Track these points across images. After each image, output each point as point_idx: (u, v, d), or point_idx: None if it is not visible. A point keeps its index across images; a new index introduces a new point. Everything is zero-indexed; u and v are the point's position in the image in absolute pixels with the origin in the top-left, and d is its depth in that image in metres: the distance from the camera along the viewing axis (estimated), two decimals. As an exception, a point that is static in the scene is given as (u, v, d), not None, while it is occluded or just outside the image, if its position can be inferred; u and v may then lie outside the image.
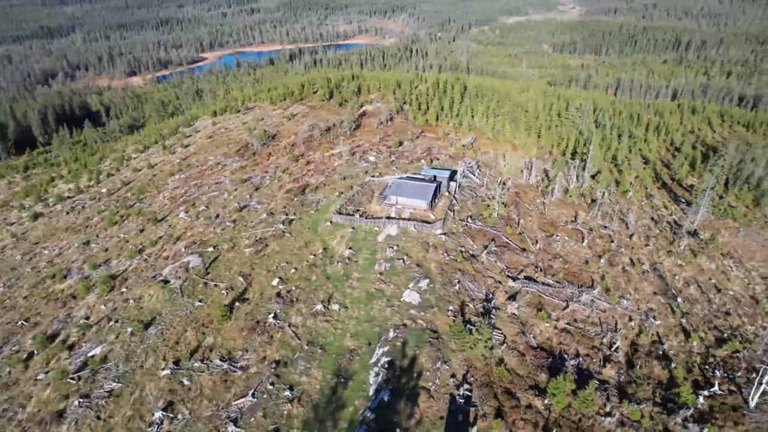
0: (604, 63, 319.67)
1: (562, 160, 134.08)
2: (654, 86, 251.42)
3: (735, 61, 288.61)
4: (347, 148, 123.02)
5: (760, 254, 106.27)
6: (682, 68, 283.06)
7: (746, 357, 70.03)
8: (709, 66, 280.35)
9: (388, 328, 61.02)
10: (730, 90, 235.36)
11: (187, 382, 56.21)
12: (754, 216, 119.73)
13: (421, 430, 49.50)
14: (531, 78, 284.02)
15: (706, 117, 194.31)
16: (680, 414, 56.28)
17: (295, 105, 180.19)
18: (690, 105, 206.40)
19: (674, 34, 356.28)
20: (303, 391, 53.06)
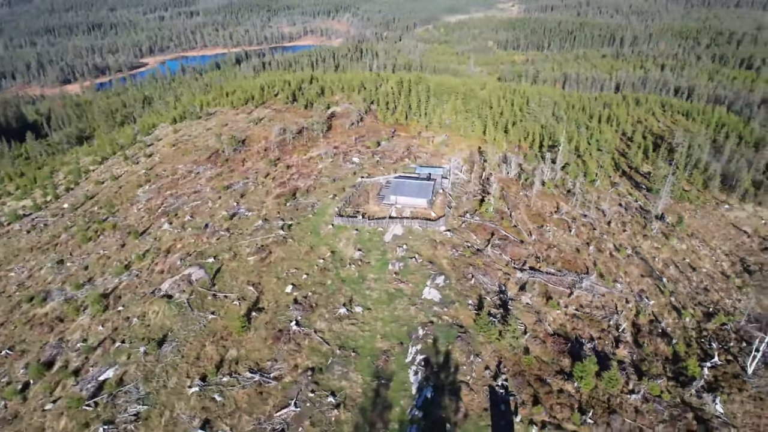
0: (547, 58, 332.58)
1: (532, 154, 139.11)
2: (598, 79, 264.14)
3: (666, 55, 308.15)
4: (325, 150, 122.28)
5: (719, 233, 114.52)
6: (620, 62, 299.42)
7: (733, 328, 75.57)
8: (644, 60, 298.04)
9: (416, 327, 61.71)
10: (666, 82, 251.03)
11: (219, 397, 54.58)
12: (705, 198, 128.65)
13: (469, 423, 50.58)
14: (480, 75, 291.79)
15: (649, 108, 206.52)
16: (693, 386, 60.29)
17: (259, 109, 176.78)
18: (634, 97, 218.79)
19: (608, 30, 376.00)
20: (346, 395, 52.85)
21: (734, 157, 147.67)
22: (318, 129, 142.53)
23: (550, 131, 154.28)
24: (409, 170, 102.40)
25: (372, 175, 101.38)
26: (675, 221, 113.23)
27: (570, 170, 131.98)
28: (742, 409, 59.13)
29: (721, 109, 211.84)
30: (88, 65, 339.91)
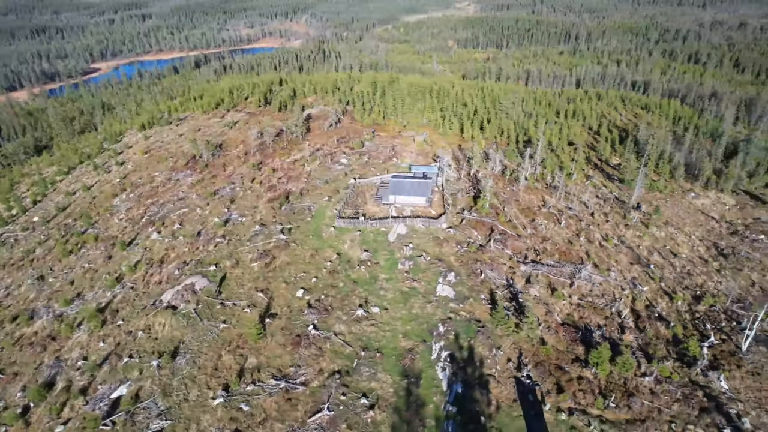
0: (506, 56, 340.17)
1: (510, 149, 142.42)
2: (559, 76, 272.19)
3: (620, 51, 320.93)
4: (310, 153, 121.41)
5: (689, 220, 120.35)
6: (577, 58, 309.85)
7: (721, 309, 79.84)
8: (600, 56, 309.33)
9: (436, 324, 62.41)
10: (623, 77, 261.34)
11: (246, 407, 53.63)
12: (673, 187, 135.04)
13: (502, 415, 51.68)
14: (443, 73, 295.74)
15: (610, 102, 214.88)
16: (698, 365, 63.49)
17: (231, 112, 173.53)
18: (595, 92, 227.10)
19: (563, 27, 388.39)
20: (378, 396, 52.95)
21: (694, 148, 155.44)
22: (297, 131, 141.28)
23: (523, 127, 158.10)
24: (402, 169, 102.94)
25: (364, 176, 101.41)
26: (651, 210, 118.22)
27: (547, 165, 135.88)
28: (743, 384, 62.66)
29: (676, 102, 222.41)
30: (36, 71, 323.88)
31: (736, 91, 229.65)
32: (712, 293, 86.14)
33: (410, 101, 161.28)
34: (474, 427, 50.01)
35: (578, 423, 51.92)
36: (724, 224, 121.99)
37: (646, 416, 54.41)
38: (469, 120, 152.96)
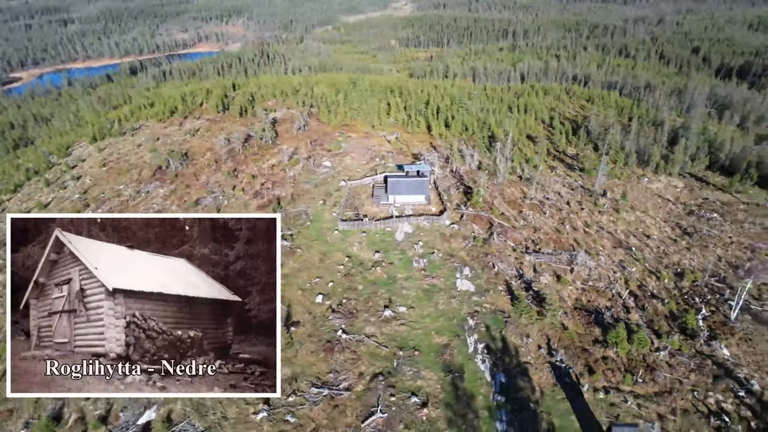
0: (448, 54, 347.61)
1: (479, 145, 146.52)
2: (504, 71, 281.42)
3: (557, 46, 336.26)
4: (288, 157, 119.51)
5: (649, 203, 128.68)
6: (518, 54, 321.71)
7: (703, 283, 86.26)
8: (539, 51, 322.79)
9: (465, 318, 63.69)
10: (564, 71, 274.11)
11: (292, 419, 52.58)
12: (628, 174, 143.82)
13: (547, 399, 53.75)
14: (390, 72, 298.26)
15: (556, 95, 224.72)
16: (701, 337, 68.53)
17: (189, 120, 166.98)
18: (541, 86, 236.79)
19: (500, 25, 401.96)
20: (427, 394, 53.49)
21: (640, 136, 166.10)
22: (267, 136, 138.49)
23: (485, 123, 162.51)
24: (390, 169, 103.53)
25: (352, 177, 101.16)
26: (618, 196, 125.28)
27: (514, 158, 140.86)
28: (740, 351, 68.29)
29: (615, 94, 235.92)
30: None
31: (666, 82, 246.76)
32: (690, 270, 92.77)
33: (375, 101, 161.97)
34: (525, 414, 51.68)
35: (615, 400, 54.87)
36: (680, 205, 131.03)
37: (670, 388, 58.22)
38: (435, 118, 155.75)
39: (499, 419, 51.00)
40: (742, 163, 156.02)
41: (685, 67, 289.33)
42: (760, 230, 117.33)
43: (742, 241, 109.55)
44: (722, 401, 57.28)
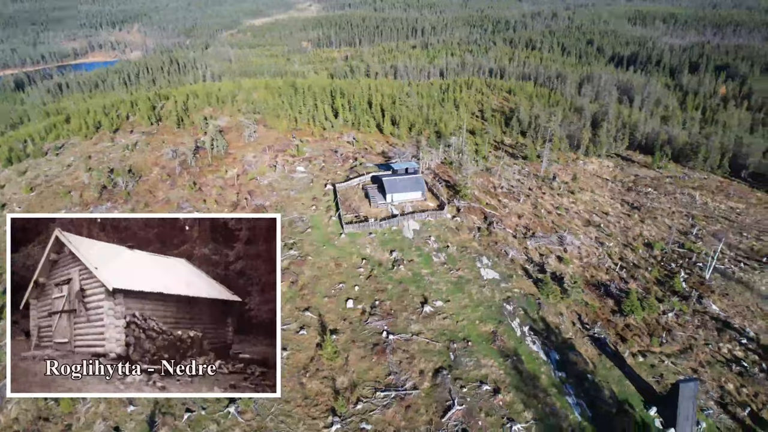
0: (363, 53, 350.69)
1: (432, 141, 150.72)
2: (424, 68, 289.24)
3: (468, 42, 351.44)
4: (254, 165, 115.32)
5: (592, 183, 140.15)
6: (430, 51, 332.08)
7: (669, 250, 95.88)
8: (451, 47, 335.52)
9: (502, 304, 66.12)
10: (480, 65, 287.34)
11: (367, 426, 51.98)
12: (564, 158, 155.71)
13: (600, 369, 57.72)
14: (310, 73, 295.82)
15: (478, 89, 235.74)
16: (692, 297, 76.53)
17: (121, 134, 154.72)
18: (464, 81, 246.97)
19: (408, 23, 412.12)
20: (494, 380, 55.20)
21: (566, 122, 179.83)
22: (220, 146, 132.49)
23: (427, 119, 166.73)
24: (371, 170, 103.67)
25: (335, 181, 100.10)
26: (569, 179, 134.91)
27: (466, 149, 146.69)
28: (724, 305, 77.16)
29: (530, 84, 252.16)
30: None
31: (573, 71, 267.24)
32: (655, 240, 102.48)
33: (319, 103, 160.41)
34: (587, 385, 55.17)
35: (654, 362, 60.11)
36: (618, 183, 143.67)
37: (689, 344, 64.75)
38: (381, 117, 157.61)
39: (568, 393, 53.97)
40: (657, 141, 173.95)
41: (584, 57, 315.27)
42: (689, 199, 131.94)
43: (681, 210, 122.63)
44: (732, 350, 64.72)
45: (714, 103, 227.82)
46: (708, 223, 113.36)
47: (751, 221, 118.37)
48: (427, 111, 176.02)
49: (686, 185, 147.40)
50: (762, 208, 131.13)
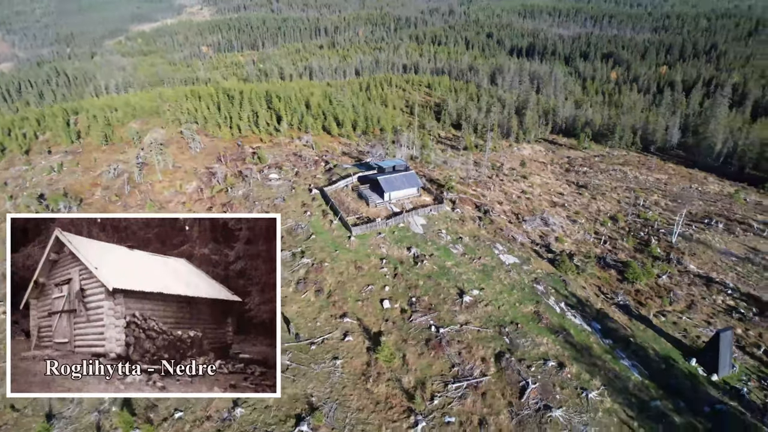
0: (269, 56, 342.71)
1: (379, 137, 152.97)
2: (339, 68, 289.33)
3: (375, 39, 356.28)
4: (222, 178, 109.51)
5: (536, 167, 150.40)
6: (341, 50, 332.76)
7: (630, 220, 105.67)
8: (359, 46, 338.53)
9: (531, 285, 69.45)
10: (394, 62, 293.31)
11: (451, 419, 52.64)
12: (500, 146, 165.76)
13: (636, 332, 63.11)
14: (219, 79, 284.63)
15: (399, 85, 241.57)
16: (673, 260, 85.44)
17: (37, 155, 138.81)
18: (384, 78, 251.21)
19: (310, 23, 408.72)
20: (554, 356, 58.25)
21: (491, 112, 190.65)
22: (168, 160, 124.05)
23: (368, 118, 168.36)
24: (351, 170, 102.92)
25: (317, 185, 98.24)
26: (516, 165, 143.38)
27: (413, 144, 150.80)
28: (696, 263, 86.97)
29: (446, 78, 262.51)
30: None
31: (483, 64, 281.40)
32: (615, 213, 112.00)
33: (259, 109, 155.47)
34: (633, 347, 60.14)
35: (674, 319, 66.82)
36: (557, 165, 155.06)
37: (691, 301, 72.61)
38: (323, 119, 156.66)
39: (621, 357, 58.40)
40: (577, 124, 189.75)
41: (486, 50, 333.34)
42: (622, 175, 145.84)
43: (620, 184, 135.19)
44: (725, 300, 73.58)
45: (609, 88, 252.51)
46: (646, 194, 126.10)
47: (678, 190, 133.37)
48: (362, 110, 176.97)
49: (613, 162, 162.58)
50: (680, 178, 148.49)
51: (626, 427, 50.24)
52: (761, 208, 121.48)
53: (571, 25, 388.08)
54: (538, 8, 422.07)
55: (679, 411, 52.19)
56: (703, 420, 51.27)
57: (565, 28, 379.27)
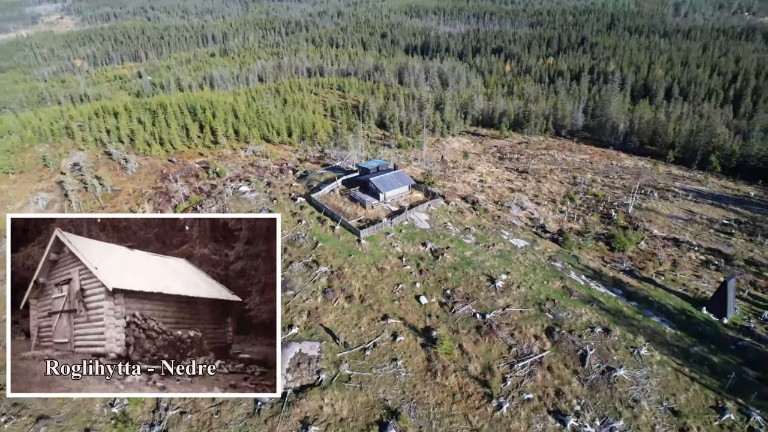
0: (157, 67, 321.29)
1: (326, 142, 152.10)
2: (241, 75, 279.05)
3: (270, 44, 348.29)
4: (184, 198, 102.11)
5: (474, 158, 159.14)
6: (235, 57, 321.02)
7: (587, 196, 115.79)
8: (254, 52, 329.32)
9: (550, 263, 74.18)
10: (297, 66, 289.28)
11: (530, 395, 55.43)
12: (433, 140, 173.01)
13: (649, 290, 70.47)
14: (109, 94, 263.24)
15: (309, 89, 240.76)
16: (640, 228, 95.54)
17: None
18: (293, 82, 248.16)
19: (195, 30, 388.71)
20: (597, 323, 63.27)
21: (409, 108, 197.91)
22: (107, 184, 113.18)
23: (299, 124, 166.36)
24: (326, 175, 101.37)
25: (298, 193, 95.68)
26: (458, 158, 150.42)
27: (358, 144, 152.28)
28: (657, 227, 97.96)
29: (354, 79, 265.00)
30: None
31: (387, 63, 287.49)
32: (569, 193, 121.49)
33: (185, 122, 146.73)
34: (655, 305, 67.17)
35: (672, 277, 75.47)
36: (490, 155, 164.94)
37: (673, 260, 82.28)
38: (258, 127, 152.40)
39: (650, 315, 64.94)
40: (494, 115, 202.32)
41: (383, 49, 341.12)
42: (551, 158, 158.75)
43: (554, 167, 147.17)
44: (698, 256, 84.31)
45: (507, 80, 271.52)
46: (581, 173, 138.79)
47: (603, 167, 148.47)
48: (291, 116, 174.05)
49: (538, 148, 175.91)
50: (599, 156, 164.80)
51: (680, 374, 56.20)
52: (673, 177, 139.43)
53: (457, 23, 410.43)
54: (424, 8, 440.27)
55: (713, 352, 59.47)
56: (734, 356, 58.94)
57: (451, 26, 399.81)
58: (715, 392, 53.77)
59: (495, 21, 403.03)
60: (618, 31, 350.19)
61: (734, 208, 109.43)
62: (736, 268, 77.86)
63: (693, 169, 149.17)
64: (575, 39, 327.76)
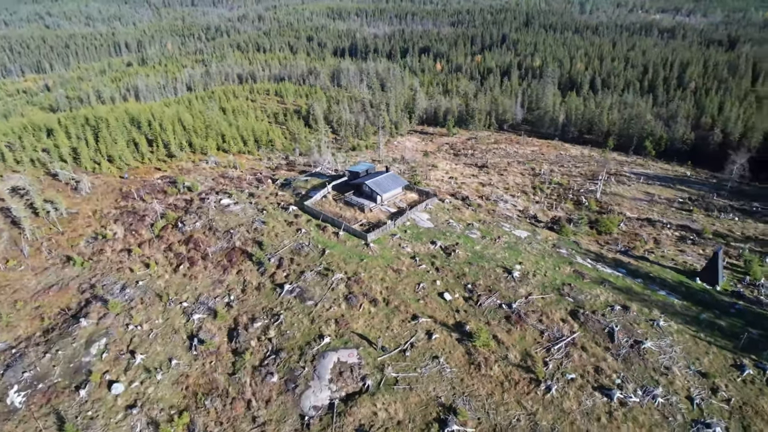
0: (67, 79, 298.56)
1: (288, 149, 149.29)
2: (168, 84, 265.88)
3: (195, 52, 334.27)
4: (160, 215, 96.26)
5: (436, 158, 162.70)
6: (157, 66, 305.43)
7: (553, 186, 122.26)
8: (177, 60, 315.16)
9: (555, 251, 77.87)
10: (227, 73, 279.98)
11: (572, 375, 58.28)
12: (386, 140, 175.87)
13: (647, 268, 76.18)
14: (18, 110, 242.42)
15: (245, 96, 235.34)
16: (615, 212, 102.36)
17: None
18: (228, 90, 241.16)
19: (105, 38, 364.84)
20: (614, 301, 67.56)
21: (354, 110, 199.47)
22: (61, 207, 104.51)
23: (252, 132, 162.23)
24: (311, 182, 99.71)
25: (288, 203, 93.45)
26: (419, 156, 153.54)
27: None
28: (626, 209, 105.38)
29: (290, 84, 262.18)
30: None
31: (321, 66, 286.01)
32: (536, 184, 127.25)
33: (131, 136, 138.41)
34: (658, 280, 72.67)
35: (660, 253, 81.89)
36: (448, 153, 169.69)
37: (654, 238, 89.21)
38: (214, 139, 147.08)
39: (657, 290, 70.19)
40: (438, 113, 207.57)
41: (311, 53, 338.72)
42: (504, 152, 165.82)
43: (510, 160, 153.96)
44: (674, 233, 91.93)
45: (441, 78, 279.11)
46: (537, 164, 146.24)
47: (554, 157, 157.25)
48: (240, 125, 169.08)
49: (487, 142, 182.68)
50: (546, 148, 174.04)
51: (698, 339, 61.46)
52: (618, 162, 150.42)
53: (380, 23, 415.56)
54: (345, 10, 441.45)
55: (719, 317, 65.52)
56: (736, 319, 65.31)
57: (375, 27, 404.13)
58: (731, 352, 59.20)
59: (417, 21, 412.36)
60: (535, 28, 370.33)
61: (681, 188, 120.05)
62: (708, 240, 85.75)
63: (630, 154, 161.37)
64: (497, 36, 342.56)
